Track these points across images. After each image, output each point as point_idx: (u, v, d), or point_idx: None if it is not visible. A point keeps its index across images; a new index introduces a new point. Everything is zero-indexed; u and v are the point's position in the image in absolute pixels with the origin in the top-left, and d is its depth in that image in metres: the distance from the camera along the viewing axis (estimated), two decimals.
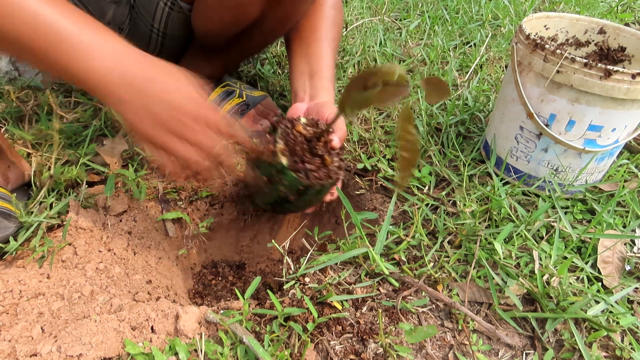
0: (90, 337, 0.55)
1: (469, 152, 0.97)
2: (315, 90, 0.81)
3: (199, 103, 0.58)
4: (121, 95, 0.55)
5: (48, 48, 0.52)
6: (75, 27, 0.53)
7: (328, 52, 0.87)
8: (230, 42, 0.97)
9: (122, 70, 0.54)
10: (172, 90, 0.57)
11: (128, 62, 0.55)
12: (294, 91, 0.86)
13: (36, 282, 0.65)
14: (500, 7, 1.76)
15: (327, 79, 0.83)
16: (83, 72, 0.53)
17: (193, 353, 0.57)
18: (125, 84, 0.54)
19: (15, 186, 0.79)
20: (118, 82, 0.54)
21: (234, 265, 0.93)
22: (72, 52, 0.52)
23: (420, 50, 1.41)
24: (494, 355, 0.61)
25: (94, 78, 0.53)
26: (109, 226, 0.78)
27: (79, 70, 0.53)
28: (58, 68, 0.53)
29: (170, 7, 0.89)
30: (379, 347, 0.59)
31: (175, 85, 0.57)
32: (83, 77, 0.53)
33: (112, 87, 0.54)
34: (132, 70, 0.55)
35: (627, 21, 1.83)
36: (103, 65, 0.53)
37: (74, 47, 0.52)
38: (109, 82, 0.54)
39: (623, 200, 0.84)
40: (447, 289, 0.68)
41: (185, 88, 0.58)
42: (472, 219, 0.76)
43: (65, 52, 0.52)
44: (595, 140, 0.79)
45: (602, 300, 0.64)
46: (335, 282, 0.67)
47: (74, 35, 0.52)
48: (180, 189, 0.90)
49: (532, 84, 0.80)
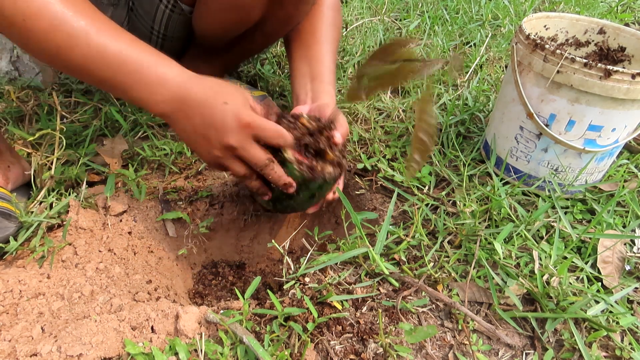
0: (91, 337, 0.55)
1: (469, 152, 0.97)
2: (317, 93, 0.81)
3: (248, 123, 0.63)
4: (179, 126, 0.64)
5: (114, 78, 0.58)
6: (140, 59, 0.59)
7: (328, 55, 0.87)
8: (231, 44, 0.97)
9: (179, 107, 0.61)
10: (225, 118, 0.62)
11: (186, 96, 0.61)
12: (295, 94, 0.86)
13: (36, 282, 0.65)
14: (500, 7, 1.76)
15: (328, 82, 0.83)
16: (145, 104, 0.61)
17: (193, 353, 0.57)
18: (184, 118, 0.62)
19: (15, 186, 0.79)
20: (176, 117, 0.62)
21: (234, 265, 0.93)
22: (136, 86, 0.59)
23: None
24: (494, 355, 0.61)
25: (156, 111, 0.61)
26: (109, 226, 0.78)
27: (141, 101, 0.60)
28: (122, 96, 0.61)
29: (171, 9, 0.89)
30: (379, 347, 0.59)
31: (228, 113, 0.62)
32: (145, 107, 0.61)
33: (171, 120, 0.63)
34: (190, 104, 0.61)
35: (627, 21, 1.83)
36: (163, 100, 0.60)
37: (137, 82, 0.59)
38: (167, 115, 0.62)
39: (623, 200, 0.84)
40: (447, 289, 0.68)
41: (237, 110, 0.62)
42: (472, 219, 0.76)
43: (129, 85, 0.59)
44: (595, 140, 0.79)
45: (602, 300, 0.64)
46: (335, 282, 0.67)
47: (137, 71, 0.58)
48: (180, 189, 0.90)
49: (532, 84, 0.80)
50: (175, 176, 0.92)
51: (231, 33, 0.91)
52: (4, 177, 0.76)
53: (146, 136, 0.99)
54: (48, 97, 1.06)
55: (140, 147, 0.93)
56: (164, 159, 0.92)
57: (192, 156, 0.96)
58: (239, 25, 0.88)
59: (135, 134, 0.99)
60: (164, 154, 0.93)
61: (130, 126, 1.00)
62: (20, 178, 0.79)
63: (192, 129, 0.63)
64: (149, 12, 0.90)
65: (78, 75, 0.60)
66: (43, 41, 0.54)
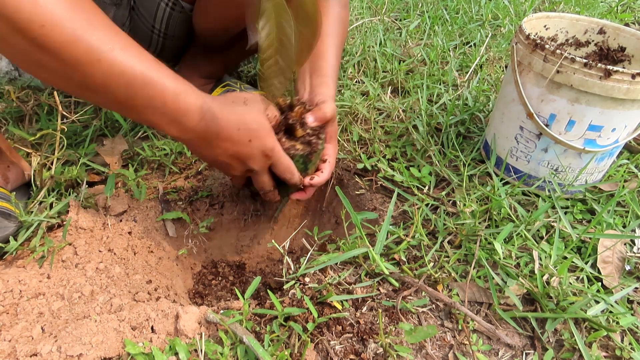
0: (91, 337, 0.55)
1: (469, 152, 0.97)
2: (314, 86, 0.81)
3: (269, 156, 0.67)
4: (197, 151, 0.66)
5: (134, 99, 0.55)
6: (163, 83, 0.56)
7: (331, 50, 0.87)
8: (231, 41, 0.97)
9: (202, 138, 0.62)
10: (251, 152, 0.65)
11: (208, 129, 0.61)
12: (295, 89, 0.86)
13: (36, 282, 0.65)
14: (500, 7, 1.76)
15: (328, 75, 0.82)
16: (164, 130, 0.60)
17: (193, 353, 0.57)
18: (205, 147, 0.64)
19: (15, 186, 0.79)
20: (196, 144, 0.63)
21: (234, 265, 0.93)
22: (158, 111, 0.57)
23: (420, 50, 1.41)
24: (494, 355, 0.61)
25: (174, 136, 0.61)
26: (109, 226, 0.78)
27: (159, 127, 0.59)
28: (137, 117, 0.59)
29: (172, 7, 0.89)
30: (379, 347, 0.59)
31: (254, 150, 0.65)
32: (163, 132, 0.62)
33: (189, 145, 0.65)
34: (212, 138, 0.62)
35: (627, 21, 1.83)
36: (184, 129, 0.60)
37: (159, 107, 0.57)
38: (186, 142, 0.64)
39: (623, 200, 0.84)
40: (447, 289, 0.68)
41: (261, 147, 0.65)
42: (472, 219, 0.76)
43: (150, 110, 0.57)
44: (595, 140, 0.79)
45: (602, 300, 0.64)
46: (335, 282, 0.67)
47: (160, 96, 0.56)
48: (180, 189, 0.90)
49: (532, 84, 0.80)
50: (175, 176, 0.92)
51: (231, 30, 0.91)
52: (3, 177, 0.76)
53: (146, 136, 0.99)
54: (48, 97, 1.06)
55: (140, 147, 0.93)
56: (164, 159, 0.92)
57: (192, 156, 0.96)
58: (239, 21, 0.87)
59: (135, 134, 0.99)
60: (164, 154, 0.93)
61: (130, 126, 1.00)
62: (20, 178, 0.79)
63: (213, 156, 0.65)
64: (150, 11, 0.90)
65: (93, 94, 0.55)
66: (61, 53, 0.48)
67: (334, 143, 0.81)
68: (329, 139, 0.80)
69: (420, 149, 0.98)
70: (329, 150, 0.79)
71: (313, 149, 0.72)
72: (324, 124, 0.76)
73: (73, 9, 0.48)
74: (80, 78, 0.51)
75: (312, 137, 0.73)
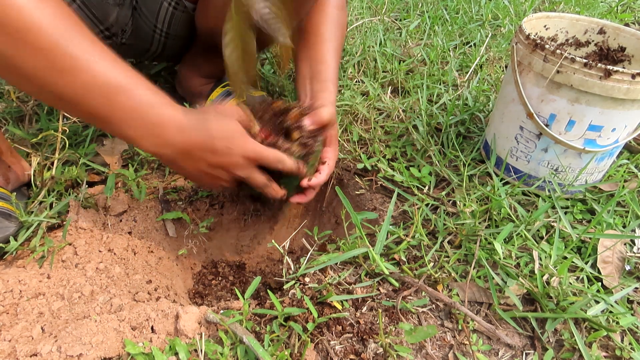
0: (91, 337, 0.55)
1: (469, 152, 0.97)
2: (315, 92, 0.82)
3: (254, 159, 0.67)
4: (177, 166, 0.65)
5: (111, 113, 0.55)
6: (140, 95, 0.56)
7: (331, 54, 0.87)
8: None
9: (181, 152, 0.61)
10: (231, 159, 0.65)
11: (187, 145, 0.61)
12: (297, 96, 0.86)
13: (36, 282, 0.65)
14: (500, 7, 1.76)
15: (328, 80, 0.83)
16: (139, 144, 0.59)
17: (193, 353, 0.57)
18: (186, 160, 0.63)
19: (15, 186, 0.79)
20: (174, 159, 0.62)
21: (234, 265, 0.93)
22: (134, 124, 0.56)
23: (420, 50, 1.41)
24: (494, 355, 0.61)
25: (151, 151, 0.60)
26: (109, 226, 0.78)
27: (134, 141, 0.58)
28: (113, 131, 0.58)
29: (175, 7, 0.89)
30: (379, 347, 0.59)
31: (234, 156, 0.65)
32: (139, 147, 0.60)
33: (168, 161, 0.64)
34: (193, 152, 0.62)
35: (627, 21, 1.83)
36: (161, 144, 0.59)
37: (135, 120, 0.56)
38: (165, 157, 0.62)
39: (623, 200, 0.84)
40: (447, 289, 0.68)
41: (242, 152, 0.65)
42: (472, 219, 0.76)
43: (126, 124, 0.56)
44: (595, 140, 0.79)
45: (602, 300, 0.64)
46: (335, 282, 0.67)
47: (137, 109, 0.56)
48: (180, 189, 0.90)
49: (532, 84, 0.80)
50: (175, 176, 0.92)
51: None
52: (4, 177, 0.76)
53: None
54: None
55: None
56: None
57: None
58: None
59: None
60: None
61: None
62: (20, 178, 0.79)
63: (197, 169, 0.65)
64: (152, 10, 0.90)
65: (66, 105, 0.54)
66: (43, 59, 0.48)
67: (334, 146, 0.81)
68: (329, 142, 0.80)
69: (420, 149, 0.98)
70: (328, 152, 0.80)
71: (309, 151, 0.73)
72: (322, 127, 0.76)
73: (58, 17, 0.49)
74: (59, 87, 0.51)
75: (309, 140, 0.73)
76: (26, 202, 0.78)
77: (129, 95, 0.54)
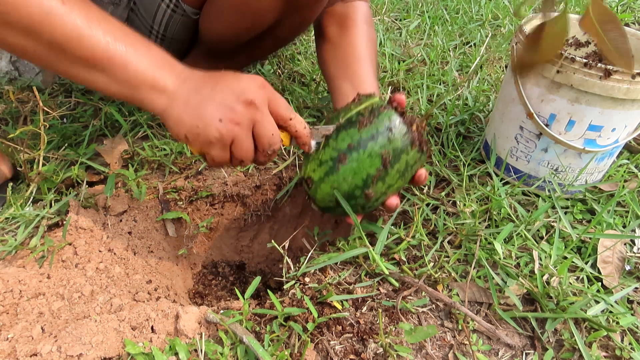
0: (91, 337, 0.55)
1: (469, 152, 0.97)
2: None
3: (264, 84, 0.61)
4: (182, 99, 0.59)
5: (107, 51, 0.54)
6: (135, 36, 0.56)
7: (369, 72, 0.86)
8: (239, 48, 0.95)
9: (186, 81, 0.59)
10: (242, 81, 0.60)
11: (192, 74, 0.59)
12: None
13: (36, 282, 0.65)
14: (500, 7, 1.76)
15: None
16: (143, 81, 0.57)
17: (193, 353, 0.57)
18: (192, 89, 0.59)
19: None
20: (181, 90, 0.59)
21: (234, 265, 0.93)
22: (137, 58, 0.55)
23: (420, 50, 1.41)
24: (494, 355, 0.61)
25: (158, 85, 0.58)
26: (109, 226, 0.78)
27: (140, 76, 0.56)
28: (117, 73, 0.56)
29: (173, 10, 0.88)
30: (379, 347, 0.59)
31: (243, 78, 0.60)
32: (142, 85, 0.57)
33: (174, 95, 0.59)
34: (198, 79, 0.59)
35: (627, 21, 1.83)
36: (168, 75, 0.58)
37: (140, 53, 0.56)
38: (170, 91, 0.58)
39: (623, 200, 0.84)
40: (447, 289, 0.68)
41: (250, 76, 0.61)
42: (472, 219, 0.76)
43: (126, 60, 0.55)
44: (595, 140, 0.79)
45: (602, 300, 0.64)
46: (335, 282, 0.67)
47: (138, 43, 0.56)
48: (180, 189, 0.90)
49: (532, 84, 0.80)
50: (175, 176, 0.92)
51: (242, 37, 0.89)
52: None
53: (146, 136, 0.99)
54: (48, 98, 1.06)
55: (140, 147, 0.93)
56: (164, 159, 0.92)
57: (192, 156, 0.96)
58: (252, 29, 0.86)
59: (135, 134, 0.99)
60: (164, 154, 0.93)
61: (130, 126, 1.00)
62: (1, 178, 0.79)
63: (198, 100, 0.58)
64: (149, 11, 0.89)
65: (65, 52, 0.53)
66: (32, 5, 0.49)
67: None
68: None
69: None
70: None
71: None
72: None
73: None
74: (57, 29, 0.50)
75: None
76: (1, 208, 0.78)
77: (134, 33, 0.55)
